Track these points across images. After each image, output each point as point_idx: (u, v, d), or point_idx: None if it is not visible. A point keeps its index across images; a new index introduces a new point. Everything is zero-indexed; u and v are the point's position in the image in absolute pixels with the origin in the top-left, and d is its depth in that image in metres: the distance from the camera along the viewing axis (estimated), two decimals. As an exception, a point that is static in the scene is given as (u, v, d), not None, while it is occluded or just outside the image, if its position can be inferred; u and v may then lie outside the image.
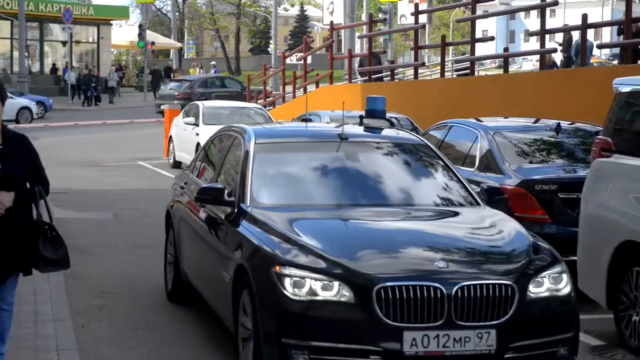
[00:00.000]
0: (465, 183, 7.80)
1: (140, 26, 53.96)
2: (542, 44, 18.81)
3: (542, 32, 18.56)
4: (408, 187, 7.62)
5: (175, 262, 9.11)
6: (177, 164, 22.83)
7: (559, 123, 10.98)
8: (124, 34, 64.23)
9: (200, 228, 8.04)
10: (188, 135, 21.88)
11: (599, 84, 13.98)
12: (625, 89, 8.35)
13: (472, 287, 6.02)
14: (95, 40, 55.90)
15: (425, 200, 7.51)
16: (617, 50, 39.26)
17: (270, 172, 7.53)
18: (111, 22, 57.44)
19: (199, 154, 9.54)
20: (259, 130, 8.20)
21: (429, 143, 8.27)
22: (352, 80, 26.66)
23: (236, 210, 7.21)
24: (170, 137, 23.63)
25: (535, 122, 11.73)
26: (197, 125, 21.69)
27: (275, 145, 7.94)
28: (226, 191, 7.42)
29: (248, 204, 7.17)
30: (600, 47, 21.68)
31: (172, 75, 54.58)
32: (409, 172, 7.86)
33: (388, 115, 17.31)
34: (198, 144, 21.03)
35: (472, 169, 10.44)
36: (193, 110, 22.73)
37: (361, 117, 8.71)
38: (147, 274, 10.52)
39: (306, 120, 9.00)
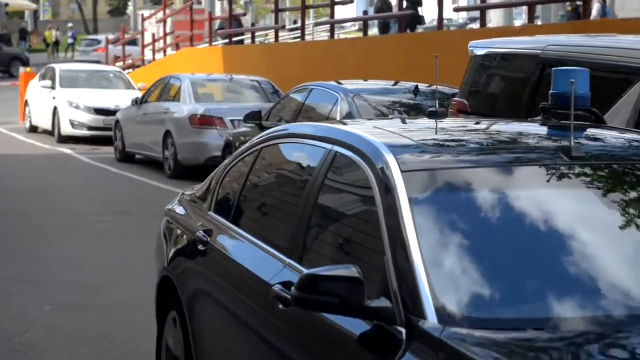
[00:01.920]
0: None
1: (-8, -14, 52.23)
2: (400, 7, 19.00)
3: (401, -4, 18.74)
4: None
5: None
6: (33, 129, 22.34)
7: (416, 85, 11.14)
8: (-25, -6, 62.07)
9: (281, 341, 3.95)
10: (44, 99, 21.41)
11: (456, 47, 14.22)
12: (480, 52, 8.52)
13: None
14: (-55, 1, 53.89)
15: None
16: (474, 13, 40.06)
17: (456, 240, 3.52)
18: (-38, -18, 55.43)
19: (223, 173, 5.18)
20: (396, 144, 3.93)
21: None
22: (213, 43, 26.45)
23: (405, 332, 3.25)
24: (26, 101, 23.06)
25: (394, 84, 11.91)
26: (53, 88, 21.23)
27: (442, 176, 3.73)
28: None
29: (434, 320, 3.21)
30: (456, 10, 22.02)
31: (27, 38, 53.08)
32: None
33: (248, 77, 17.30)
34: (55, 108, 20.59)
35: (333, 132, 10.50)
36: (49, 73, 22.21)
37: (545, 108, 4.33)
38: (6, 245, 10.26)
39: (436, 114, 4.38)
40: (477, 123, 4.81)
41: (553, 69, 4.71)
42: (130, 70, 30.20)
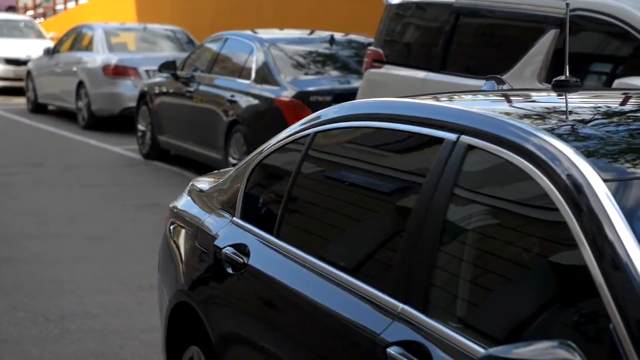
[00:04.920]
0: None
1: None
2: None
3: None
4: None
5: None
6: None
7: (332, 35, 11.17)
8: None
9: None
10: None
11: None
12: (395, 1, 8.55)
13: None
14: None
15: None
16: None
17: None
18: None
19: (253, 165, 3.87)
20: (571, 136, 2.69)
21: None
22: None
23: None
24: None
25: (310, 34, 11.89)
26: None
27: None
28: None
29: None
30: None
31: None
32: None
33: (163, 27, 17.11)
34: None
35: (249, 82, 10.49)
36: (-43, 22, 21.66)
37: None
38: None
39: (567, 84, 3.18)
40: (624, 99, 3.35)
41: None
42: (41, 19, 29.59)
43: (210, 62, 11.57)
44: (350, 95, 8.97)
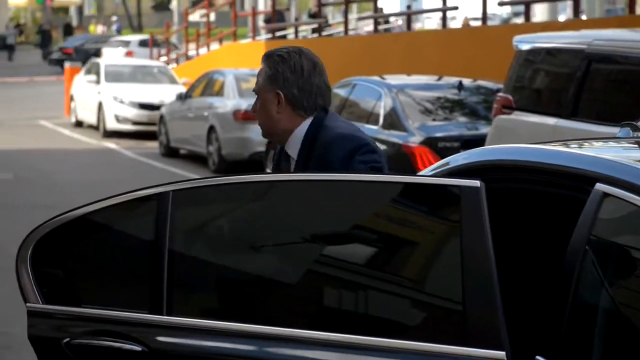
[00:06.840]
0: None
1: (38, -18, 52.80)
2: (445, 2, 18.91)
3: (445, -10, 18.64)
4: None
5: None
6: (79, 123, 22.55)
7: (460, 81, 11.14)
8: (21, -10, 62.78)
9: None
10: (90, 93, 21.59)
11: (500, 42, 14.17)
12: (525, 47, 8.49)
13: None
14: (-8, -3, 54.54)
15: None
16: (518, 7, 39.86)
17: None
18: (8, -22, 56.03)
19: None
20: None
21: None
22: (256, 38, 26.52)
23: None
24: (72, 95, 23.28)
25: (438, 79, 11.90)
26: (98, 83, 21.41)
27: None
28: None
29: None
30: (501, 4, 21.90)
31: (72, 33, 53.61)
32: None
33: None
34: (100, 102, 20.76)
35: (377, 127, 10.53)
36: (94, 68, 22.40)
37: None
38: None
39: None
40: None
41: None
42: (174, 65, 30.37)
43: (338, 107, 11.66)
44: (478, 141, 8.92)
